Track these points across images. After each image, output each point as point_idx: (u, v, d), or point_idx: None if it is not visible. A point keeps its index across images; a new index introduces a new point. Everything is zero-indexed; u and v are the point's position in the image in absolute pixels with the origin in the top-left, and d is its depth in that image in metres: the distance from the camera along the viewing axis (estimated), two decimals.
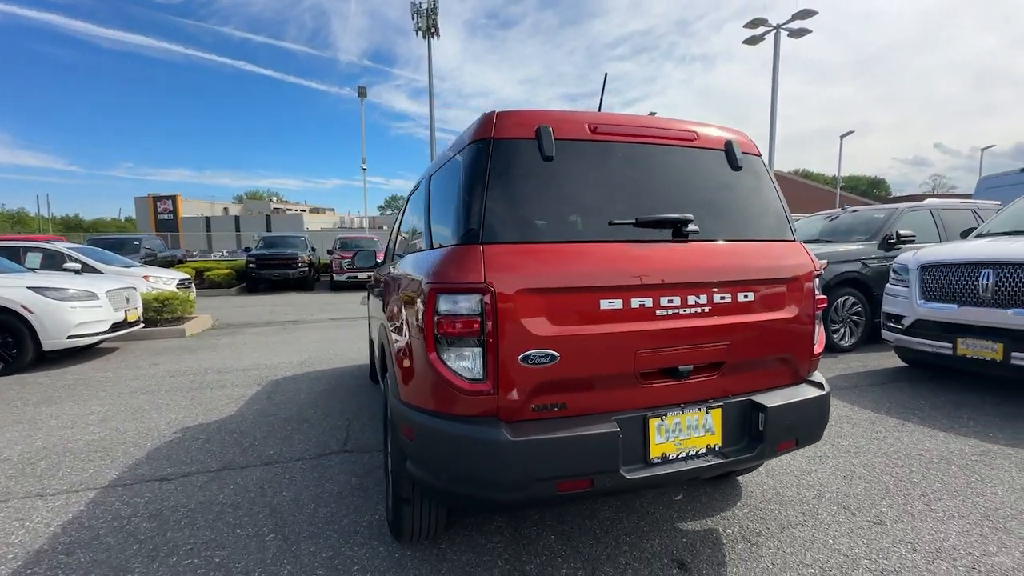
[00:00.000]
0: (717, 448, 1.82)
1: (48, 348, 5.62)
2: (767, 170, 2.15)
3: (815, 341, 2.07)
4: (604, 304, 1.67)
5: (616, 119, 1.91)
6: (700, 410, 1.80)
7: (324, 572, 2.03)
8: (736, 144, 2.06)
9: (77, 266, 8.36)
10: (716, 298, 1.82)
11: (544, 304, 1.62)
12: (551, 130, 1.78)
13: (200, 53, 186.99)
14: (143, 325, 7.16)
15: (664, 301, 1.73)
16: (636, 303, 1.70)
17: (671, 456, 1.75)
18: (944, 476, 2.77)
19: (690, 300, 1.77)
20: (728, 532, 2.29)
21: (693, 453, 1.78)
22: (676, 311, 1.75)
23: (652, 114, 2.72)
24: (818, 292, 2.08)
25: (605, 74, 2.32)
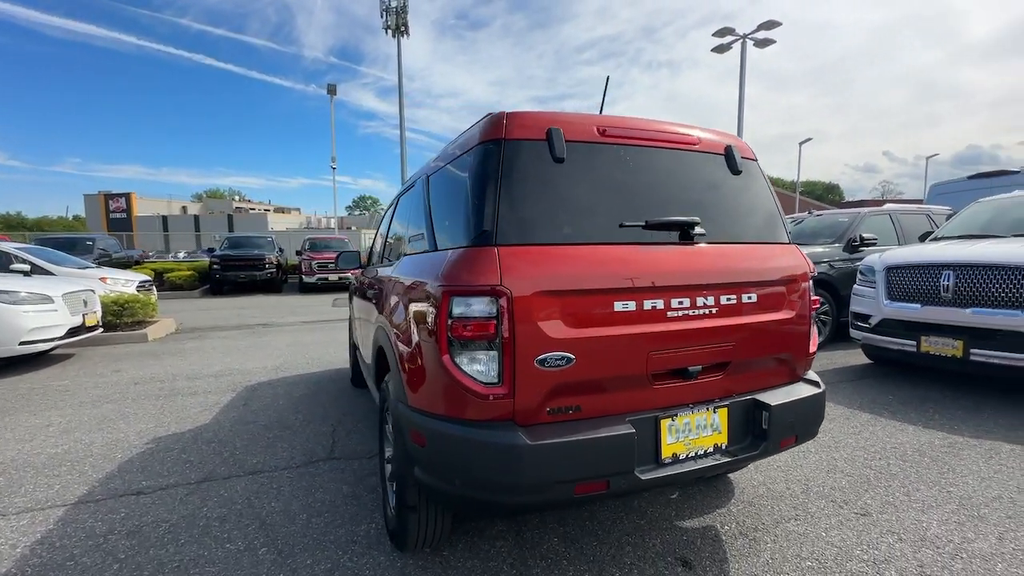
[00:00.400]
0: (724, 447, 1.85)
1: None
2: (763, 174, 2.21)
3: (810, 340, 2.14)
4: (618, 306, 1.68)
5: (623, 122, 1.92)
6: (708, 410, 1.83)
7: None
8: (736, 148, 2.11)
9: (26, 267, 7.81)
10: (723, 299, 1.85)
11: (560, 306, 1.61)
12: (562, 132, 1.77)
13: (154, 44, 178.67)
14: (102, 330, 6.77)
15: (675, 303, 1.75)
16: (648, 305, 1.71)
17: (681, 456, 1.77)
18: (919, 468, 2.91)
19: (699, 302, 1.80)
20: (726, 528, 2.34)
21: (701, 452, 1.81)
22: (686, 312, 1.78)
23: None
24: (811, 293, 2.15)
25: (607, 77, 2.34)
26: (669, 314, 1.74)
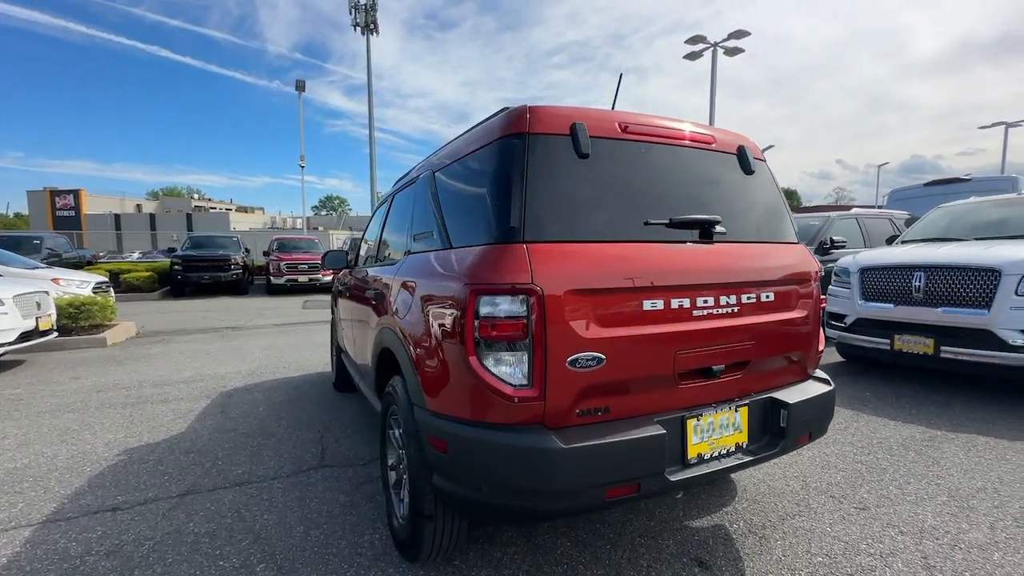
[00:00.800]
0: (744, 446, 1.85)
1: None
2: (772, 174, 2.23)
3: (819, 339, 2.18)
4: (647, 305, 1.65)
5: (643, 119, 1.90)
6: (730, 409, 1.82)
7: None
8: (748, 149, 2.13)
9: None
10: (743, 298, 1.85)
11: (590, 305, 1.57)
12: (586, 127, 1.73)
13: (105, 34, 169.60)
14: (57, 334, 6.33)
15: (700, 302, 1.74)
16: (675, 304, 1.69)
17: (706, 456, 1.76)
18: (906, 461, 3.02)
19: (722, 300, 1.80)
20: (735, 527, 2.35)
21: (724, 452, 1.80)
22: (710, 311, 1.77)
23: None
24: (820, 292, 2.19)
25: (620, 75, 2.32)
26: (695, 313, 1.73)
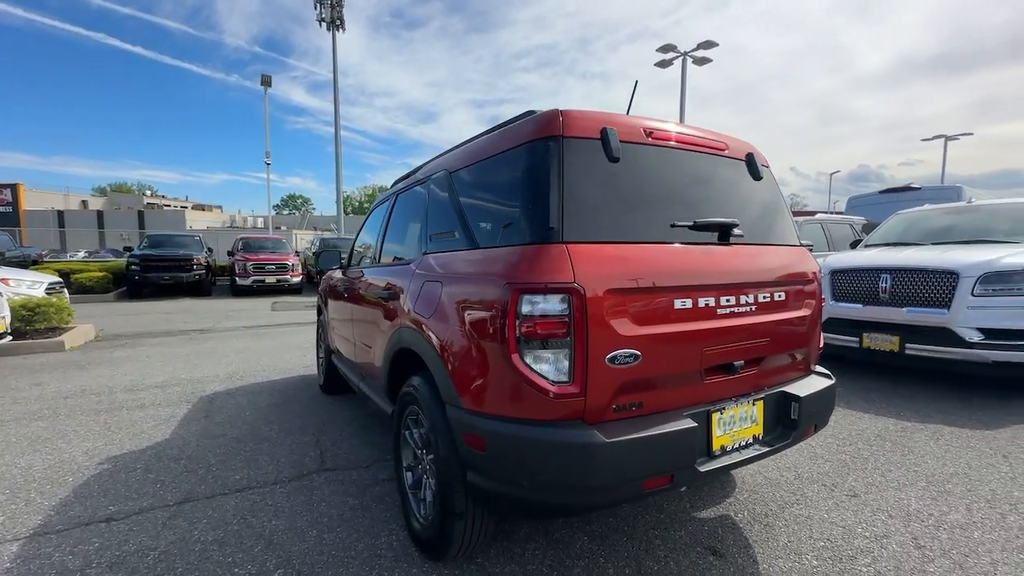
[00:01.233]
0: (760, 437, 1.95)
1: None
2: (775, 180, 2.36)
3: (819, 336, 2.31)
4: (678, 304, 1.72)
5: (665, 125, 1.98)
6: (748, 403, 1.92)
7: None
8: (756, 156, 2.24)
9: None
10: (759, 297, 1.96)
11: (627, 304, 1.63)
12: (616, 132, 1.79)
13: (43, 18, 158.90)
14: (11, 338, 5.92)
15: (723, 300, 1.83)
16: (702, 302, 1.77)
17: (728, 448, 1.84)
18: (884, 451, 3.22)
19: (742, 299, 1.89)
20: (740, 517, 2.46)
21: (743, 444, 1.89)
22: (732, 310, 1.86)
23: None
24: (821, 292, 2.32)
25: (636, 81, 2.39)
26: (719, 311, 1.82)
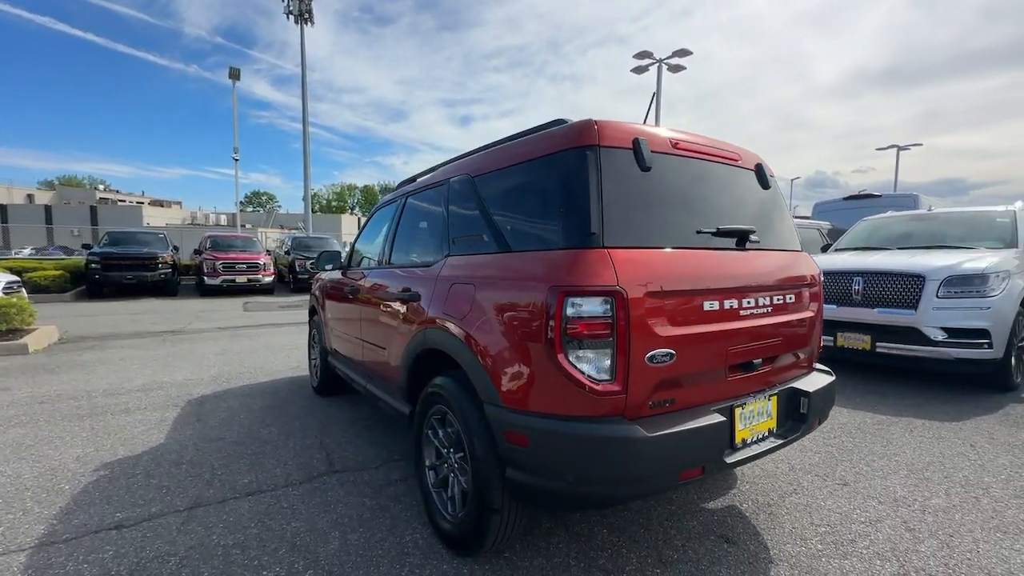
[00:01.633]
0: (774, 431, 2.09)
1: None
2: (779, 189, 2.51)
3: (820, 335, 2.47)
4: (707, 306, 1.83)
5: (688, 136, 2.09)
6: (764, 398, 2.05)
7: None
8: (764, 166, 2.38)
9: None
10: (775, 299, 2.09)
11: (663, 306, 1.72)
12: (647, 142, 1.89)
13: None
14: None
15: (745, 303, 1.95)
16: (728, 304, 1.89)
17: (748, 440, 1.96)
18: (866, 442, 3.45)
19: (760, 301, 2.02)
20: (745, 506, 2.60)
21: (761, 437, 2.02)
22: (752, 311, 1.98)
23: None
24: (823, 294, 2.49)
25: (653, 93, 2.50)
26: (742, 312, 1.94)
